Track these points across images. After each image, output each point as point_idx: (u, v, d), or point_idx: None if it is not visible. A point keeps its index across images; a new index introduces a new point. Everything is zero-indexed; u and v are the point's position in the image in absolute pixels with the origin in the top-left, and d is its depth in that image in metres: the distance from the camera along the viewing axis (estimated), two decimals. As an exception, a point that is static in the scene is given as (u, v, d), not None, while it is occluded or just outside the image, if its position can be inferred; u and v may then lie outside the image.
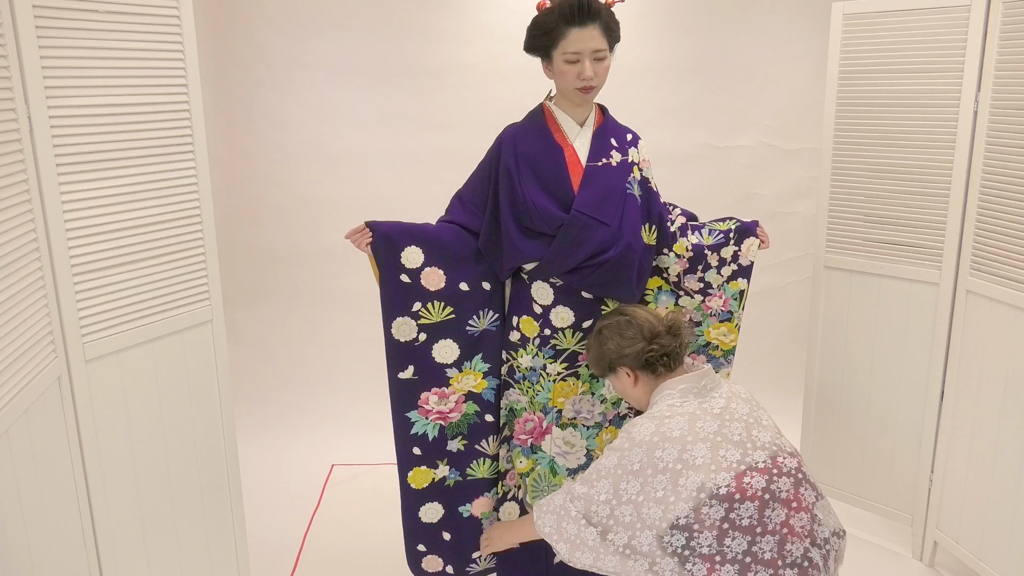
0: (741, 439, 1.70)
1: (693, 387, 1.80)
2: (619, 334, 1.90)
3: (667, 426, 1.71)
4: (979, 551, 2.38)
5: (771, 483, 1.66)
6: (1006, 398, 2.25)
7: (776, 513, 1.64)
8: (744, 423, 1.73)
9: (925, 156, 2.44)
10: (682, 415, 1.73)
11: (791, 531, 1.64)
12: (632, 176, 2.13)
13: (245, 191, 3.63)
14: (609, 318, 1.98)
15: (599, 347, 1.95)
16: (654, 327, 1.89)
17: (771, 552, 1.62)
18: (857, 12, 2.51)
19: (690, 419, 1.72)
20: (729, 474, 1.64)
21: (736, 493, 1.63)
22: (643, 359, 1.87)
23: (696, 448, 1.67)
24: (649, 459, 1.68)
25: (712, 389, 1.80)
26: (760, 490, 1.65)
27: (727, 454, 1.67)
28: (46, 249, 1.67)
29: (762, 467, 1.67)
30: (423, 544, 2.28)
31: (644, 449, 1.69)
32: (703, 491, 1.63)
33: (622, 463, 1.71)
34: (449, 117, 3.60)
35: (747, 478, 1.65)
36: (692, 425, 1.70)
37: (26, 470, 1.55)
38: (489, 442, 2.27)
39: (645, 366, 1.87)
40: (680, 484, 1.64)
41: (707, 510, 1.62)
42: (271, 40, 3.49)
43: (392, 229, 2.09)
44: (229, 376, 2.20)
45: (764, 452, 1.69)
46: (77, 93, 1.72)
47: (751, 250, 2.24)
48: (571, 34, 1.97)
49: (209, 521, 2.19)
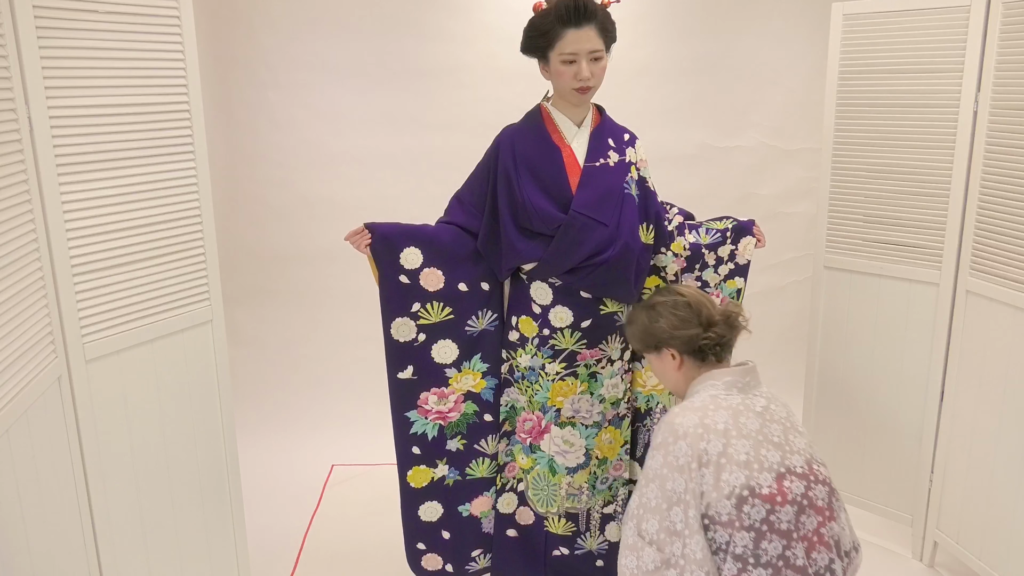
0: (780, 441, 1.64)
1: (738, 381, 1.72)
2: (674, 314, 1.79)
3: (711, 418, 1.63)
4: (979, 551, 2.38)
5: (809, 489, 1.62)
6: (1006, 398, 2.25)
7: (809, 520, 1.60)
8: (782, 426, 1.68)
9: (925, 156, 2.44)
10: (726, 409, 1.66)
11: (820, 540, 1.61)
12: (630, 176, 2.13)
13: (245, 191, 3.63)
14: (664, 295, 1.86)
15: (649, 323, 1.83)
16: (711, 314, 1.79)
17: (802, 559, 1.58)
18: (857, 12, 2.51)
19: (734, 413, 1.65)
20: (771, 475, 1.59)
21: (777, 495, 1.58)
22: (695, 345, 1.77)
23: (739, 443, 1.60)
24: (694, 451, 1.59)
25: (755, 387, 1.74)
26: (799, 495, 1.60)
27: (768, 454, 1.61)
28: (46, 249, 1.67)
29: (800, 472, 1.62)
30: (423, 543, 2.29)
31: (688, 441, 1.60)
32: (746, 488, 1.57)
33: (667, 460, 1.62)
34: (449, 117, 3.60)
35: (787, 481, 1.60)
36: (736, 419, 1.64)
37: (26, 470, 1.55)
38: (488, 441, 2.27)
39: (695, 352, 1.78)
40: (723, 479, 1.58)
41: (749, 509, 1.57)
42: (271, 40, 3.49)
43: (391, 230, 2.09)
44: (229, 376, 2.20)
45: (800, 457, 1.65)
46: (77, 93, 1.72)
47: (748, 249, 2.24)
48: (567, 35, 1.97)
49: (209, 521, 2.19)
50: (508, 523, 2.32)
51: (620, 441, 2.28)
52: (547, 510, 2.26)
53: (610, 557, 2.35)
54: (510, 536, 2.32)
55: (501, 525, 2.32)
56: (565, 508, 2.26)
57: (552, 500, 2.25)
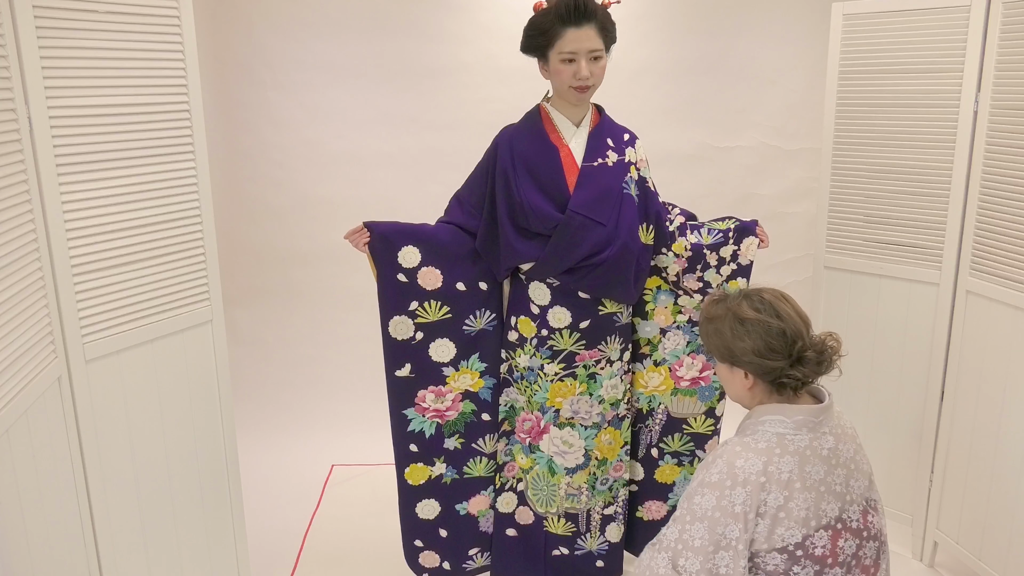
0: (841, 491, 1.54)
1: (809, 421, 1.54)
2: (764, 340, 1.55)
3: (776, 465, 1.49)
4: (979, 551, 2.38)
5: (860, 548, 1.55)
6: (1006, 398, 2.25)
7: None
8: (847, 469, 1.55)
9: (925, 156, 2.44)
10: (793, 454, 1.51)
11: None
12: (629, 176, 2.13)
13: (245, 191, 3.63)
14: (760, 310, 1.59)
15: (732, 337, 1.59)
16: (804, 348, 1.56)
17: None
18: (857, 12, 2.51)
19: (801, 460, 1.51)
20: (827, 533, 1.50)
21: (828, 557, 1.50)
22: (775, 377, 1.57)
23: (801, 497, 1.49)
24: (753, 502, 1.47)
25: (826, 423, 1.57)
26: (849, 555, 1.53)
27: (828, 508, 1.51)
28: (46, 249, 1.67)
29: (854, 527, 1.55)
30: (420, 540, 2.30)
31: (749, 490, 1.47)
32: (800, 548, 1.48)
33: (721, 504, 1.48)
34: (449, 117, 3.60)
35: (841, 540, 1.51)
36: (802, 468, 1.50)
37: (26, 470, 1.55)
38: (486, 441, 2.28)
39: (772, 382, 1.58)
40: (777, 533, 1.48)
41: (798, 569, 1.48)
42: (271, 40, 3.49)
43: (389, 229, 2.09)
44: (229, 376, 2.20)
45: (858, 508, 1.56)
46: (77, 93, 1.72)
47: (750, 249, 2.24)
48: (567, 34, 1.97)
49: (209, 521, 2.19)
50: (508, 522, 2.32)
51: (620, 442, 2.28)
52: (546, 510, 2.26)
53: (610, 558, 2.35)
54: (509, 536, 2.32)
55: (500, 524, 2.33)
56: (564, 508, 2.26)
57: (551, 500, 2.25)
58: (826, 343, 1.58)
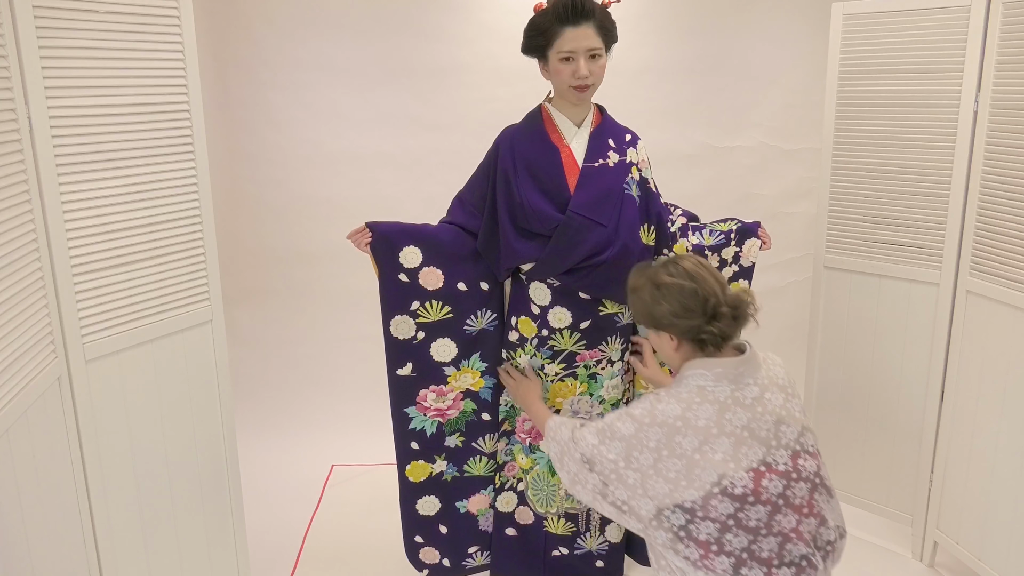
0: (767, 436, 1.62)
1: (729, 373, 1.65)
2: (679, 301, 1.67)
3: (694, 412, 1.61)
4: (979, 551, 2.38)
5: (787, 488, 1.60)
6: (1006, 398, 2.25)
7: (787, 519, 1.60)
8: (774, 416, 1.64)
9: (925, 156, 2.44)
10: (712, 403, 1.62)
11: (798, 535, 1.61)
12: (630, 176, 2.13)
13: (245, 191, 3.63)
14: (673, 274, 1.70)
15: (652, 304, 1.71)
16: (718, 304, 1.67)
17: (769, 551, 1.59)
18: (857, 12, 2.51)
19: (720, 408, 1.62)
20: (748, 474, 1.58)
21: (750, 495, 1.57)
22: (695, 336, 1.68)
23: (719, 442, 1.59)
24: (668, 441, 1.59)
25: (750, 374, 1.67)
26: (775, 495, 1.59)
27: (749, 451, 1.59)
28: (46, 249, 1.67)
29: (781, 469, 1.61)
30: (420, 536, 2.31)
31: (665, 431, 1.60)
32: (717, 486, 1.57)
33: (638, 435, 1.62)
34: (449, 117, 3.60)
35: (765, 480, 1.59)
36: (720, 416, 1.61)
37: (26, 470, 1.55)
38: (486, 440, 2.28)
39: (694, 340, 1.69)
40: (695, 473, 1.58)
41: (716, 503, 1.57)
42: (271, 40, 3.49)
43: (391, 229, 2.10)
44: (229, 376, 2.20)
45: (786, 452, 1.63)
46: (77, 93, 1.72)
47: (752, 251, 2.24)
48: (566, 33, 1.98)
49: (209, 521, 2.19)
50: (507, 522, 2.32)
51: (620, 441, 2.28)
52: (546, 510, 2.27)
53: (610, 558, 2.35)
54: (509, 535, 2.33)
55: (500, 524, 2.33)
56: (564, 508, 2.26)
57: (551, 500, 2.25)
58: (740, 298, 1.71)
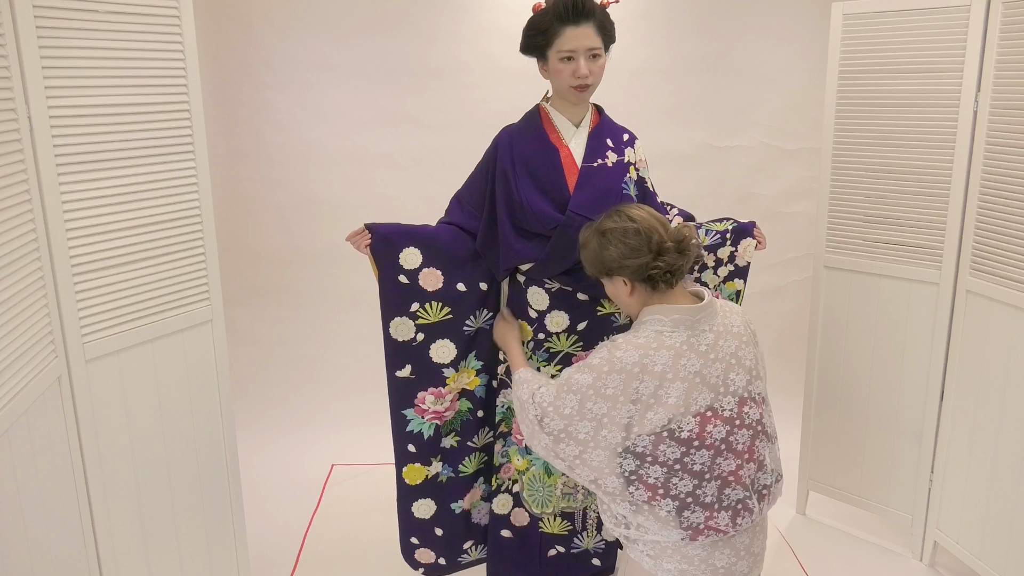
0: (716, 382, 1.69)
1: (686, 319, 1.70)
2: (623, 242, 1.74)
3: (651, 359, 1.67)
4: (979, 551, 2.38)
5: (730, 434, 1.69)
6: (1006, 398, 2.25)
7: (727, 463, 1.69)
8: (725, 364, 1.71)
9: (925, 156, 2.44)
10: (668, 349, 1.68)
11: (737, 479, 1.70)
12: (628, 176, 2.13)
13: (245, 191, 3.63)
14: (615, 220, 1.79)
15: (600, 250, 1.79)
16: (662, 240, 1.74)
17: (711, 496, 1.68)
18: (857, 12, 2.51)
19: (675, 355, 1.67)
20: (695, 419, 1.66)
21: (696, 440, 1.66)
22: (645, 274, 1.74)
23: (673, 387, 1.66)
24: (625, 388, 1.66)
25: (705, 321, 1.72)
26: (719, 440, 1.68)
27: (699, 396, 1.67)
28: (46, 249, 1.67)
29: (726, 415, 1.69)
30: (416, 537, 2.32)
31: (623, 377, 1.66)
32: (666, 430, 1.65)
33: (596, 384, 1.68)
34: (449, 117, 3.60)
35: (710, 425, 1.67)
36: (676, 362, 1.67)
37: (26, 470, 1.55)
38: (479, 436, 2.29)
39: (645, 280, 1.75)
40: (647, 417, 1.66)
41: (664, 448, 1.65)
42: (271, 40, 3.49)
43: (390, 231, 2.10)
44: (229, 376, 2.20)
45: (733, 399, 1.71)
46: (77, 93, 1.72)
47: (748, 251, 2.24)
48: (566, 32, 1.98)
49: (209, 521, 2.19)
50: (503, 524, 2.32)
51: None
52: (542, 511, 2.26)
53: (607, 556, 2.35)
54: (504, 537, 2.32)
55: (496, 526, 2.33)
56: (560, 508, 2.26)
57: (547, 501, 2.25)
58: (682, 232, 1.78)
